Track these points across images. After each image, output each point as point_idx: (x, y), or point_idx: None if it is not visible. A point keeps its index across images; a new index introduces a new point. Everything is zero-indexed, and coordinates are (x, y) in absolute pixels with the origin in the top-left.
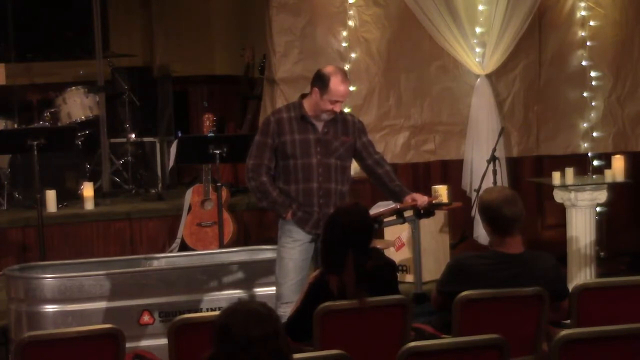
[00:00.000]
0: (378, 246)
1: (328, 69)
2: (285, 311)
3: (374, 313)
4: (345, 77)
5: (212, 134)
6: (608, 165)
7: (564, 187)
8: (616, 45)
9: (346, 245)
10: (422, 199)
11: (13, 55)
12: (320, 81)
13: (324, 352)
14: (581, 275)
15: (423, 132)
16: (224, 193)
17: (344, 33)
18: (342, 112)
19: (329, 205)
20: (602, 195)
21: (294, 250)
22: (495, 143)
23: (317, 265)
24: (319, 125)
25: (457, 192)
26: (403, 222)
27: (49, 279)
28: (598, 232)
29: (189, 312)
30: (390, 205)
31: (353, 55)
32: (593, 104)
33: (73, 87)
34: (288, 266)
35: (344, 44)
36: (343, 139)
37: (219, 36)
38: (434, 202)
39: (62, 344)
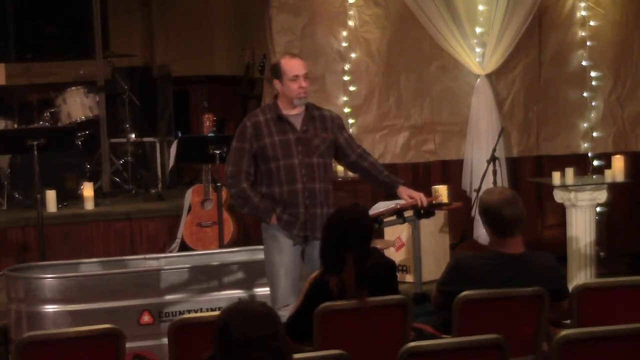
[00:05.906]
0: (378, 246)
1: (276, 58)
2: (282, 314)
3: (374, 313)
4: (294, 54)
5: (212, 134)
6: (608, 165)
7: (564, 187)
8: (616, 45)
9: (346, 245)
10: (417, 195)
11: (13, 55)
12: (274, 72)
13: (324, 352)
14: (581, 275)
15: (423, 132)
16: (224, 193)
17: (344, 33)
18: (320, 108)
19: (315, 206)
20: (602, 195)
21: (281, 256)
22: (495, 143)
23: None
24: (297, 124)
25: (457, 192)
26: (403, 222)
27: (49, 279)
28: (598, 232)
29: (189, 312)
30: (390, 205)
31: (353, 55)
32: (593, 104)
33: (73, 87)
34: (279, 272)
35: (344, 44)
36: (323, 136)
37: (219, 36)
38: (434, 202)
39: (62, 344)
